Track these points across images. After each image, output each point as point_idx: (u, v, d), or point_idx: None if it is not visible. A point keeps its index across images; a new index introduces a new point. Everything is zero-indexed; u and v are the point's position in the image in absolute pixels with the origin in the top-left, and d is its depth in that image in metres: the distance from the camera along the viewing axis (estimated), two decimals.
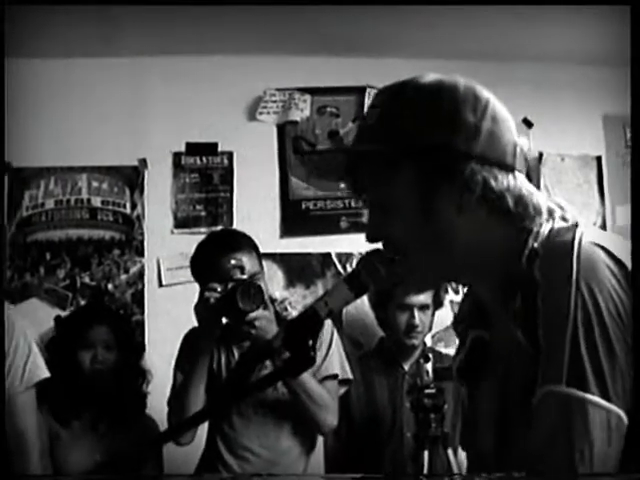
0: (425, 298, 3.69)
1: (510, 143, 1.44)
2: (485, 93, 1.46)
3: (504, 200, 1.40)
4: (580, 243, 1.30)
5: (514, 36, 4.38)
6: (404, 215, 1.43)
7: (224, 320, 3.09)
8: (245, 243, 3.19)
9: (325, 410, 3.09)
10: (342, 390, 3.29)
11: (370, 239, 1.49)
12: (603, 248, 1.30)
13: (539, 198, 1.44)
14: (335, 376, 3.20)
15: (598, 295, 1.25)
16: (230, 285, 2.97)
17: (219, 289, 2.99)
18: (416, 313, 3.67)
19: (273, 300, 3.49)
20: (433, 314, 3.74)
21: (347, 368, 3.29)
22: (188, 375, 3.11)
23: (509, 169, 1.42)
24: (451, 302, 4.07)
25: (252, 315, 2.95)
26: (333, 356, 3.21)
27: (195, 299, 3.09)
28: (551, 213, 1.44)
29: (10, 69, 2.98)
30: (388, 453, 3.61)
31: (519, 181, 1.43)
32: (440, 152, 1.40)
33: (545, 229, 1.41)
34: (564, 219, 1.45)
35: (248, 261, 3.11)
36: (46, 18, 3.90)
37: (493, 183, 1.39)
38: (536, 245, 1.38)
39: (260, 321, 2.96)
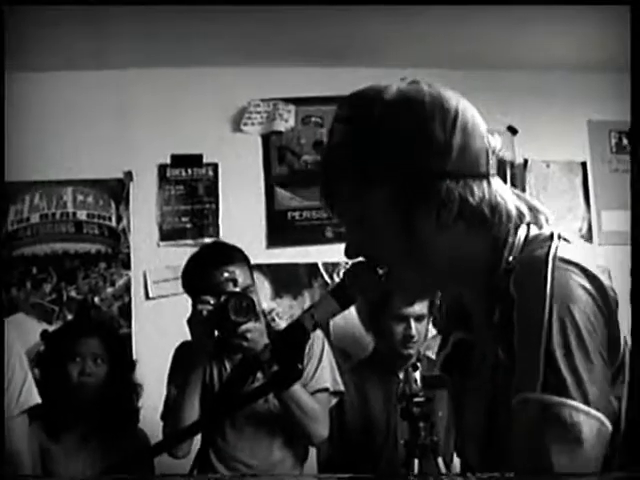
0: (421, 308, 3.67)
1: (482, 150, 1.43)
2: (453, 101, 1.43)
3: (481, 211, 1.40)
4: (554, 260, 1.31)
5: (499, 44, 4.40)
6: (382, 234, 1.43)
7: (216, 333, 3.08)
8: (237, 256, 3.20)
9: (316, 422, 3.09)
10: (333, 401, 3.30)
11: (349, 256, 1.48)
12: (577, 265, 1.31)
13: (511, 203, 1.45)
14: (326, 389, 3.21)
15: (574, 310, 1.26)
16: (223, 298, 2.97)
17: (212, 302, 2.99)
18: (412, 324, 3.66)
19: (265, 313, 3.49)
20: (428, 323, 3.73)
21: (338, 379, 3.30)
22: (182, 389, 3.11)
23: (483, 177, 1.42)
24: None
25: (244, 327, 2.95)
26: (324, 368, 3.21)
27: (181, 311, 3.08)
28: (521, 218, 1.45)
29: None
30: (382, 462, 3.60)
31: (494, 187, 1.43)
32: (414, 173, 1.39)
33: (519, 238, 1.42)
34: (537, 224, 1.46)
35: (241, 274, 3.12)
36: (32, 31, 3.89)
37: (470, 198, 1.39)
38: (511, 258, 1.39)
39: (252, 333, 2.96)
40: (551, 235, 1.39)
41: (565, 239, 1.39)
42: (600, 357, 1.26)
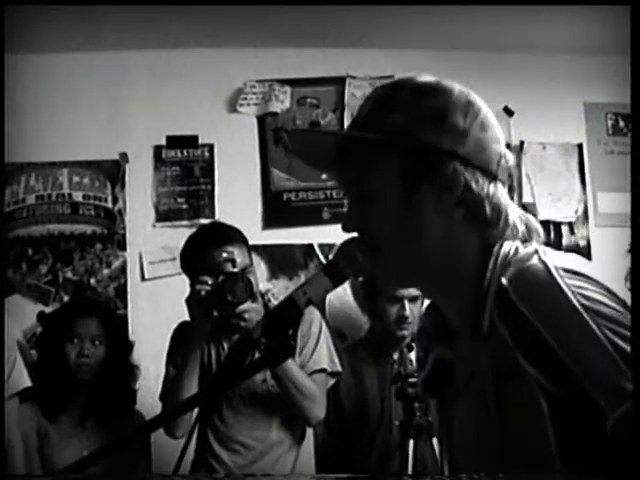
0: (415, 289, 3.69)
1: (496, 152, 1.45)
2: (479, 102, 1.47)
3: (482, 206, 1.41)
4: (557, 272, 1.30)
5: (496, 26, 4.39)
6: (383, 206, 1.44)
7: (215, 313, 3.08)
8: (236, 236, 3.21)
9: (313, 402, 3.10)
10: (331, 382, 3.31)
11: (346, 229, 1.50)
12: (579, 273, 1.30)
13: (513, 214, 1.46)
14: (324, 370, 3.21)
15: (604, 313, 1.24)
16: (221, 278, 2.98)
17: (210, 282, 3.00)
18: (407, 305, 3.68)
19: (261, 293, 3.49)
20: (422, 304, 3.74)
21: (336, 360, 3.31)
22: (180, 369, 3.12)
23: (492, 177, 1.43)
24: None
25: (241, 308, 2.97)
26: (322, 349, 3.22)
27: (178, 292, 3.09)
28: (515, 233, 1.45)
29: None
30: (377, 442, 3.62)
31: (499, 191, 1.44)
32: (425, 149, 1.40)
33: (508, 251, 1.41)
34: (524, 239, 1.45)
35: (239, 254, 3.12)
36: (27, 14, 3.88)
37: (474, 186, 1.40)
38: (504, 281, 1.35)
39: (249, 313, 2.98)
40: (535, 250, 1.38)
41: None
42: None
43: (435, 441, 3.21)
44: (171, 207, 4.52)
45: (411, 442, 3.19)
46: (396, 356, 3.75)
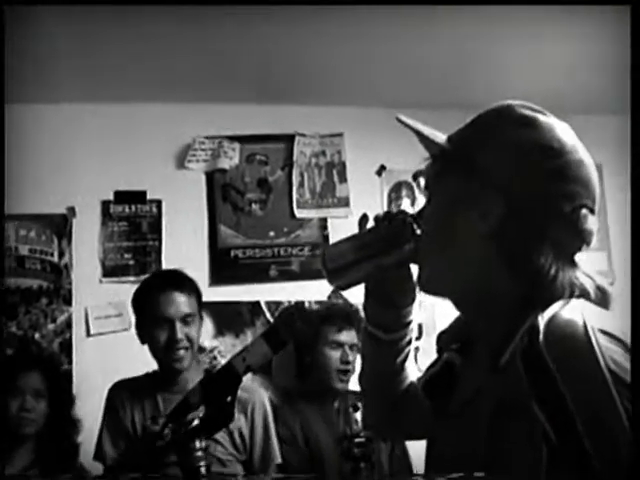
0: (352, 338, 3.72)
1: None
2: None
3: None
4: (593, 330, 1.27)
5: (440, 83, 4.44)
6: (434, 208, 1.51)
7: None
8: (187, 285, 3.27)
9: None
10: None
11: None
12: (616, 338, 1.28)
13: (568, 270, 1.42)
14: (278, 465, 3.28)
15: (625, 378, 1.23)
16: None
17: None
18: (347, 350, 3.70)
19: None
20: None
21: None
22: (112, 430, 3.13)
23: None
24: None
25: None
26: (273, 443, 3.26)
27: (123, 348, 3.09)
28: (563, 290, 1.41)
29: None
30: None
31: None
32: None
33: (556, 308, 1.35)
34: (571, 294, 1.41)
35: (186, 301, 3.15)
36: None
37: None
38: (540, 322, 1.31)
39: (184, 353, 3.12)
40: (576, 303, 1.36)
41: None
42: None
43: None
44: (118, 262, 4.50)
45: None
46: (337, 404, 3.76)
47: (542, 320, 1.30)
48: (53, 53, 3.87)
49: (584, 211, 1.40)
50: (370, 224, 1.63)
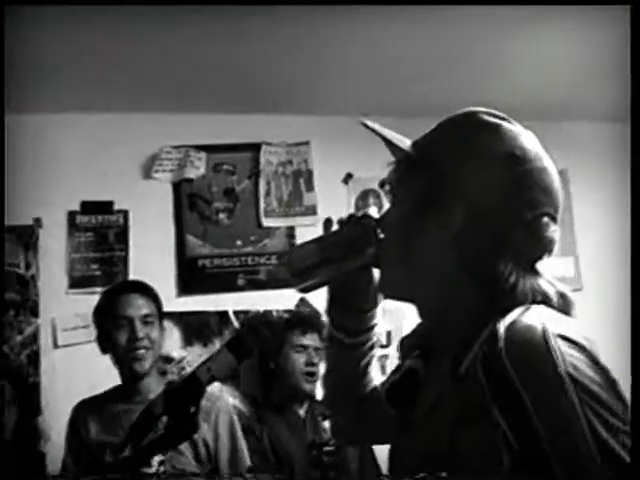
0: (315, 341, 3.74)
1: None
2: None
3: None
4: (553, 336, 1.26)
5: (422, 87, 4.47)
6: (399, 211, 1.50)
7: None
8: (147, 290, 3.29)
9: None
10: None
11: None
12: (576, 344, 1.27)
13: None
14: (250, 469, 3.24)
15: (593, 388, 1.23)
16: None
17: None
18: (312, 353, 3.72)
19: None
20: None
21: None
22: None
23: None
24: None
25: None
26: (241, 451, 3.25)
27: (90, 360, 3.09)
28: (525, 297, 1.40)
29: None
30: None
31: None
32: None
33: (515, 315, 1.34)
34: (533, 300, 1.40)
35: (145, 303, 3.21)
36: None
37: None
38: (500, 329, 1.30)
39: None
40: (536, 309, 1.36)
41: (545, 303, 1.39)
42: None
43: None
44: (84, 273, 4.48)
45: None
46: (302, 412, 3.77)
47: (502, 326, 1.29)
48: (15, 63, 3.82)
49: (545, 219, 1.40)
50: (335, 227, 1.63)
